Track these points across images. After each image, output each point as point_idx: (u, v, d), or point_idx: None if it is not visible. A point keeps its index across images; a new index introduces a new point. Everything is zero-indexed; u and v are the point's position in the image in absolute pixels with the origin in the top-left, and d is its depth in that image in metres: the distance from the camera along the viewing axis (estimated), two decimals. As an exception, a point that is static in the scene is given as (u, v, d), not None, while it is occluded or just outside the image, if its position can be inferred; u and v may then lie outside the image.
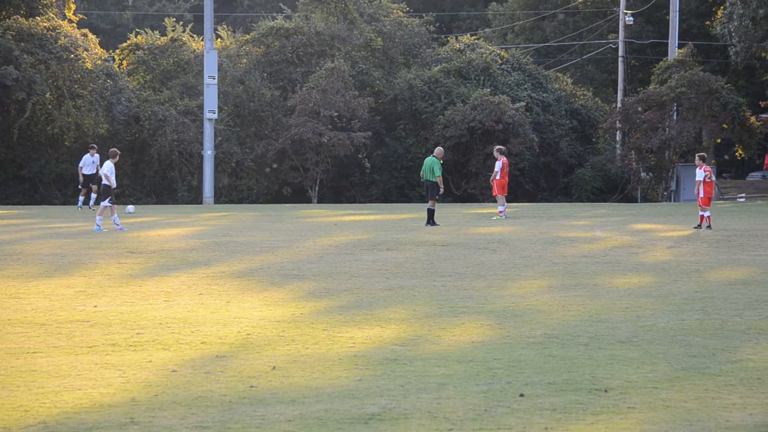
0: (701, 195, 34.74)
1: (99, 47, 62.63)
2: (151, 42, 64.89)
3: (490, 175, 42.46)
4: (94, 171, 44.07)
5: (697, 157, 36.23)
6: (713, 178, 35.48)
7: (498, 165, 40.23)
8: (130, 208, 44.47)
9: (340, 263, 23.73)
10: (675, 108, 65.48)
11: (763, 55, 73.72)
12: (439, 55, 70.17)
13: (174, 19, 68.73)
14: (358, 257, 25.01)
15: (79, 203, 46.95)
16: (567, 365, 12.10)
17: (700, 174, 35.07)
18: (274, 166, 61.34)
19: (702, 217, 34.63)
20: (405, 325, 15.12)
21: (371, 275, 21.50)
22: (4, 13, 60.99)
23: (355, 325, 15.08)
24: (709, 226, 34.15)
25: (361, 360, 12.46)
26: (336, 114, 61.07)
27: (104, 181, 33.70)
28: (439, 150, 37.66)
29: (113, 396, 10.60)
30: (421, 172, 37.01)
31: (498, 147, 41.64)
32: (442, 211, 42.63)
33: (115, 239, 29.68)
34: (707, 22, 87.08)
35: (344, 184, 64.36)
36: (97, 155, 45.25)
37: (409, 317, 15.93)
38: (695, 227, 34.40)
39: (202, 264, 23.63)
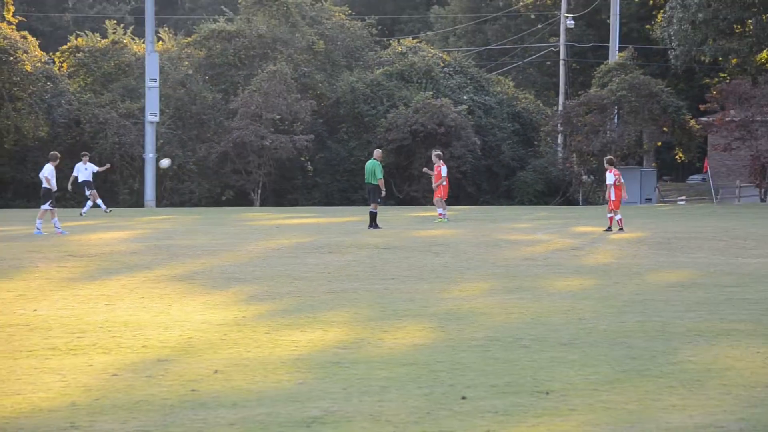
0: (612, 198, 35.02)
1: (39, 50, 62.23)
2: (91, 44, 64.51)
3: (431, 180, 41.86)
4: (89, 177, 43.90)
5: (605, 161, 36.54)
6: (622, 181, 35.71)
7: (444, 170, 40.21)
8: (165, 162, 45.26)
9: (282, 266, 23.68)
10: (616, 111, 65.99)
11: (703, 58, 74.47)
12: (381, 58, 70.29)
13: (115, 22, 68.38)
14: (300, 260, 24.96)
15: (102, 206, 45.92)
16: (509, 368, 12.13)
17: (610, 177, 35.31)
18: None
19: (611, 219, 34.95)
20: (347, 328, 15.10)
21: (313, 278, 21.46)
22: (-59, 15, 60.46)
23: (298, 328, 15.04)
24: (621, 228, 34.42)
25: (303, 363, 12.42)
26: (278, 117, 60.99)
27: (44, 184, 33.46)
28: (377, 152, 37.68)
29: (53, 400, 10.51)
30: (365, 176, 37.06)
31: (437, 152, 41.45)
32: (385, 214, 42.66)
33: (55, 243, 29.44)
34: (647, 26, 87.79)
35: (287, 187, 64.25)
36: (89, 163, 44.62)
37: (351, 320, 15.91)
38: (606, 230, 34.70)
39: (143, 267, 23.49)
